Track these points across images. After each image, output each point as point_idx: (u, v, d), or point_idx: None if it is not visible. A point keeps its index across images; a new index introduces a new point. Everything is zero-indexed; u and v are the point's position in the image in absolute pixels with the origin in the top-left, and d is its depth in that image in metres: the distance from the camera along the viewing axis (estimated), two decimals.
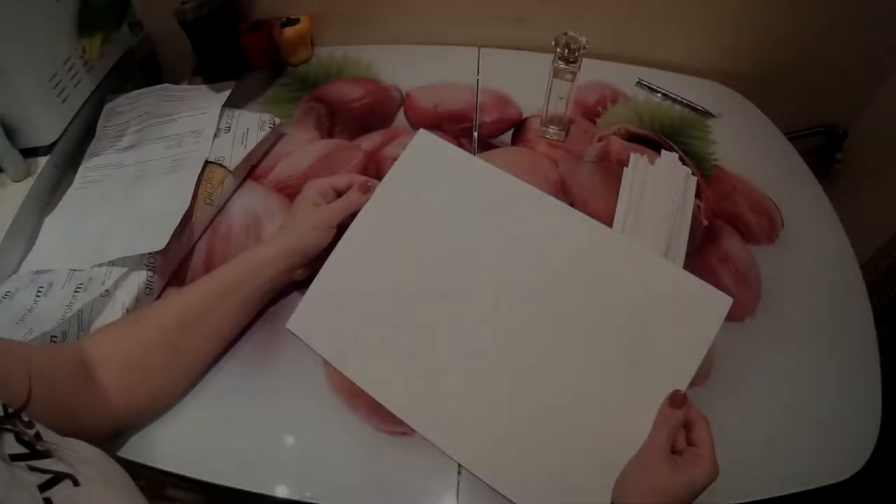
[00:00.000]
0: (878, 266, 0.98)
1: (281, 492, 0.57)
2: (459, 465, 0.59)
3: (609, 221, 0.75)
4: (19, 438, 0.38)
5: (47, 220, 0.73)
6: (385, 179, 0.70)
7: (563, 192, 0.81)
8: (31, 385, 0.44)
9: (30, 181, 0.74)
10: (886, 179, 1.05)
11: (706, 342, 0.59)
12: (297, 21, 0.96)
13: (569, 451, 0.58)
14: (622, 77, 0.99)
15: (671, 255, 0.72)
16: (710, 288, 0.61)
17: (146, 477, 0.60)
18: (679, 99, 0.96)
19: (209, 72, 0.95)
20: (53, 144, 0.78)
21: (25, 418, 0.39)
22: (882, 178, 1.07)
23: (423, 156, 0.71)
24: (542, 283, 0.64)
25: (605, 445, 0.57)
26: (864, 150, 1.11)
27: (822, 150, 1.15)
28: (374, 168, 0.83)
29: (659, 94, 0.97)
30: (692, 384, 0.58)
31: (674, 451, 0.54)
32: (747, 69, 1.02)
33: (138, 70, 1.00)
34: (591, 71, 0.95)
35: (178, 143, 0.78)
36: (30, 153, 0.77)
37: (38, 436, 0.39)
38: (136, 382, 0.56)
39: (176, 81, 0.90)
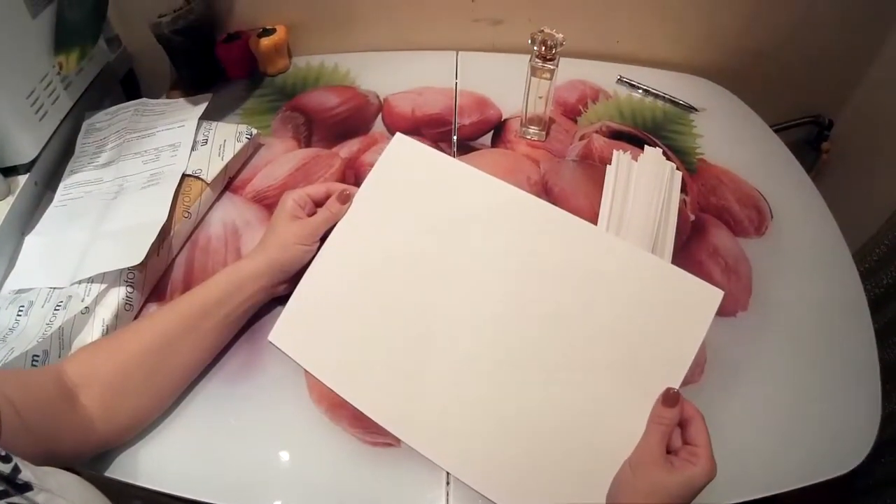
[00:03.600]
0: (871, 255, 0.97)
1: None
2: (448, 474, 0.58)
3: (593, 220, 0.74)
4: None
5: (28, 239, 0.72)
6: (364, 185, 0.69)
7: (546, 192, 0.80)
8: (1, 415, 0.43)
9: (10, 200, 0.74)
10: (875, 167, 1.06)
11: (698, 338, 0.57)
12: (273, 31, 0.96)
13: (560, 454, 0.57)
14: (602, 75, 0.98)
15: (658, 251, 0.71)
16: (700, 281, 0.59)
17: (142, 497, 0.59)
18: (661, 94, 0.95)
19: (187, 84, 0.95)
20: (33, 162, 0.78)
21: (2, 452, 0.39)
22: (870, 166, 1.07)
23: (401, 160, 0.70)
24: (527, 285, 0.62)
25: (597, 448, 0.56)
26: (851, 139, 1.11)
27: (809, 140, 1.15)
28: (353, 175, 0.83)
29: (640, 91, 0.96)
30: (686, 382, 0.57)
31: (669, 450, 0.53)
32: (729, 62, 1.02)
33: (117, 85, 1.00)
34: (571, 70, 0.96)
35: (155, 158, 0.77)
36: (9, 172, 0.76)
37: (16, 469, 0.38)
38: (119, 402, 0.55)
39: (155, 96, 0.90)
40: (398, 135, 0.71)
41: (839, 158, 1.13)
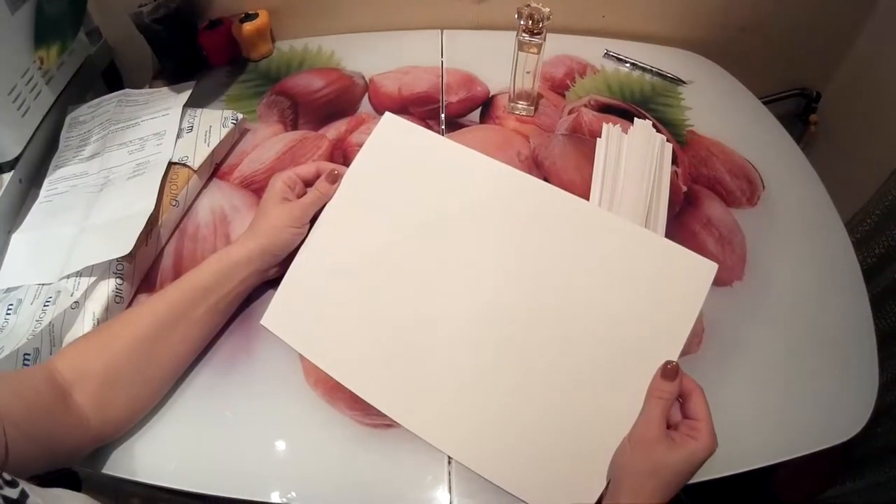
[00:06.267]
0: (862, 225, 0.98)
1: (266, 495, 0.55)
2: (448, 456, 0.57)
3: (585, 193, 0.74)
4: (5, 499, 0.37)
5: (14, 237, 0.71)
6: (353, 166, 0.68)
7: (536, 166, 0.80)
8: (6, 434, 0.43)
9: None
10: (863, 139, 1.06)
11: (694, 310, 0.57)
12: (255, 16, 0.95)
13: (559, 432, 0.56)
14: (589, 50, 0.98)
15: (651, 223, 0.71)
16: (694, 255, 0.59)
17: (139, 495, 0.58)
18: (648, 67, 0.95)
19: (170, 74, 0.94)
20: (17, 160, 0.77)
21: (8, 477, 0.38)
22: (858, 137, 1.07)
23: (391, 139, 0.69)
24: (521, 263, 0.62)
25: (596, 425, 0.55)
26: (838, 111, 1.11)
27: (797, 113, 1.16)
28: (341, 156, 0.82)
29: (627, 65, 0.96)
30: (684, 352, 0.57)
31: (669, 425, 0.52)
32: (714, 35, 1.02)
33: (99, 78, 0.99)
34: (558, 45, 0.96)
35: (141, 147, 0.76)
36: None
37: (24, 494, 0.38)
38: (112, 395, 0.54)
39: (138, 87, 0.89)
40: (387, 114, 0.70)
41: (827, 130, 1.13)
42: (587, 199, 0.73)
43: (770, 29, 1.02)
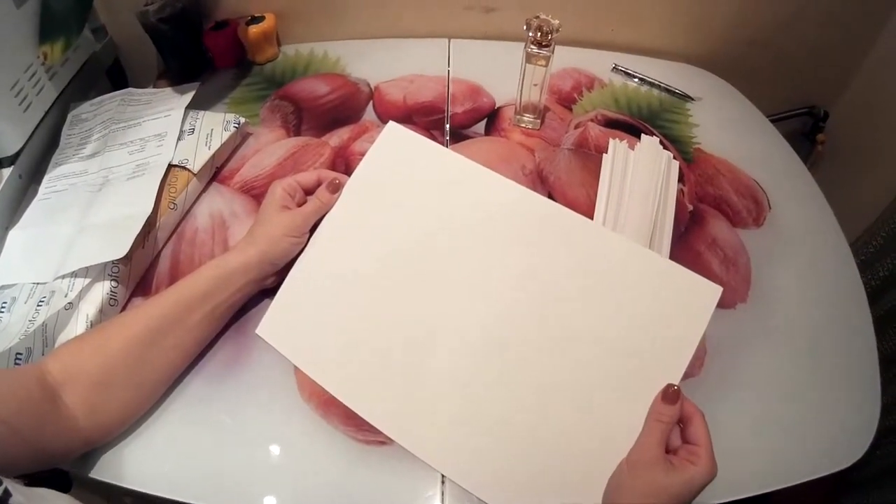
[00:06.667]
0: (867, 247, 0.97)
1: None
2: (443, 475, 0.56)
3: (589, 210, 0.73)
4: None
5: (11, 233, 0.70)
6: (355, 175, 0.67)
7: (541, 180, 0.79)
8: None
9: None
10: (870, 160, 1.05)
11: (697, 334, 0.56)
12: (261, 19, 0.95)
13: (556, 454, 0.55)
14: (597, 63, 0.97)
15: (656, 243, 0.70)
16: (699, 277, 0.58)
17: (133, 494, 0.58)
18: (656, 83, 0.94)
19: (174, 74, 0.93)
20: (17, 155, 0.76)
21: None
22: (865, 158, 1.06)
23: (394, 149, 0.68)
24: (522, 281, 0.61)
25: (593, 447, 0.54)
26: (846, 131, 1.10)
27: (804, 132, 1.15)
28: (343, 164, 0.81)
29: (636, 79, 0.95)
30: (685, 375, 0.55)
31: (668, 449, 0.51)
32: (723, 51, 1.01)
33: (103, 76, 0.98)
34: (565, 58, 0.95)
35: (141, 148, 0.76)
36: None
37: (7, 492, 0.38)
38: (103, 399, 0.53)
39: (142, 86, 0.88)
40: (391, 123, 0.69)
41: (834, 150, 1.12)
42: (591, 216, 0.72)
43: (779, 46, 1.02)
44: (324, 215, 0.65)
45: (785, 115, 1.10)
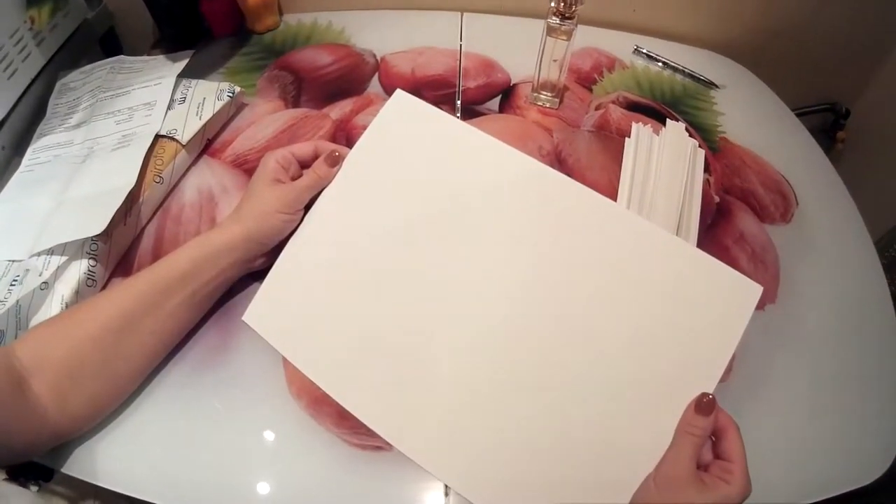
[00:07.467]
0: (889, 249, 0.94)
1: None
2: (446, 486, 0.52)
3: (611, 197, 0.67)
4: None
5: None
6: (357, 145, 0.62)
7: (559, 162, 0.75)
8: None
9: None
10: (890, 160, 1.02)
11: (735, 337, 0.51)
12: None
13: (575, 465, 0.50)
14: (618, 44, 0.93)
15: (682, 234, 0.65)
16: (739, 275, 0.53)
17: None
18: (680, 68, 0.90)
19: (170, 43, 0.89)
20: (1, 125, 0.74)
21: None
22: (887, 158, 1.03)
23: (401, 120, 0.62)
24: (541, 269, 0.55)
25: (617, 459, 0.50)
26: (867, 129, 1.07)
27: (824, 129, 1.12)
28: (344, 138, 0.77)
29: (659, 63, 0.91)
30: None
31: (699, 465, 0.47)
32: (746, 39, 0.98)
33: (96, 45, 0.95)
34: (585, 37, 0.91)
35: (129, 118, 0.72)
36: None
37: None
38: (73, 389, 0.50)
39: (136, 55, 0.84)
40: (398, 91, 0.63)
41: (854, 148, 1.09)
42: (614, 201, 0.67)
43: (804, 38, 0.98)
44: (321, 191, 0.60)
45: (806, 110, 1.06)
